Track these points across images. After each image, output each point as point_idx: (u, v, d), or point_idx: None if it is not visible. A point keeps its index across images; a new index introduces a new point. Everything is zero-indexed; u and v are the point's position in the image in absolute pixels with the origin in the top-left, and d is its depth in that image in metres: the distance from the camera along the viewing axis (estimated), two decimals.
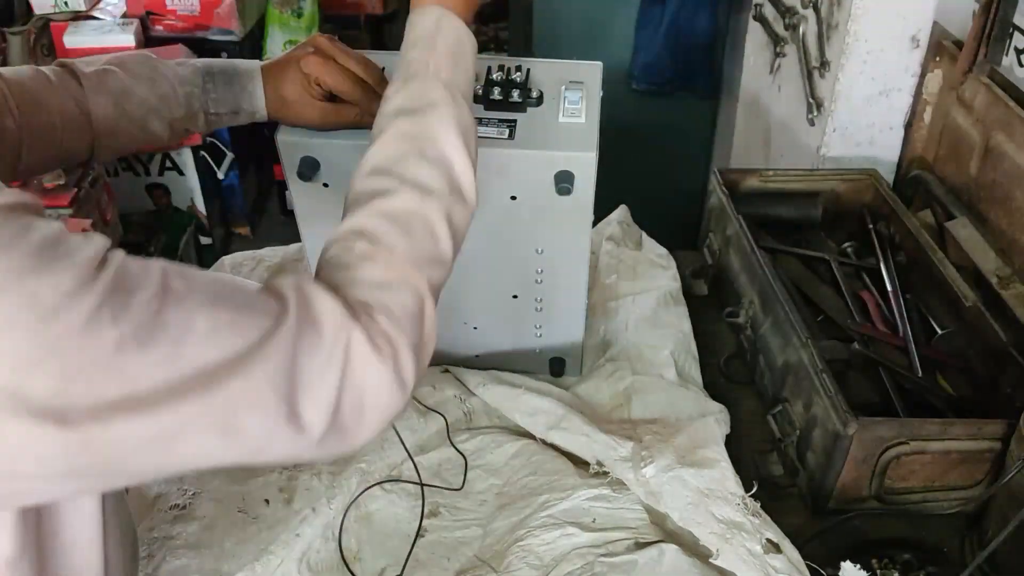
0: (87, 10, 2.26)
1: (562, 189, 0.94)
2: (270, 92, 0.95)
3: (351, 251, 0.66)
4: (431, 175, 0.69)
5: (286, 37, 2.53)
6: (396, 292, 0.65)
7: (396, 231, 0.67)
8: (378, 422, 0.63)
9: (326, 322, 0.60)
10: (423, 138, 0.70)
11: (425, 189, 0.69)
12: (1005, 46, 1.20)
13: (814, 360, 1.01)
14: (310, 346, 0.59)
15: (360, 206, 0.69)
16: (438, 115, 0.71)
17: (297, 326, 0.58)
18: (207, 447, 0.56)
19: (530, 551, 0.94)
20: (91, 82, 0.89)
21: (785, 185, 1.37)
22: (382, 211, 0.68)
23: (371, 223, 0.67)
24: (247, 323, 0.57)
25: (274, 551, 0.94)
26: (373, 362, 0.61)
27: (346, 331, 0.60)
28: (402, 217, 0.68)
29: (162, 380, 0.53)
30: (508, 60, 1.01)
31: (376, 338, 0.62)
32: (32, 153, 0.85)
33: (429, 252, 0.68)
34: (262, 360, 0.56)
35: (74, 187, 1.88)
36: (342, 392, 0.60)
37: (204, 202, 2.45)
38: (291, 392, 0.57)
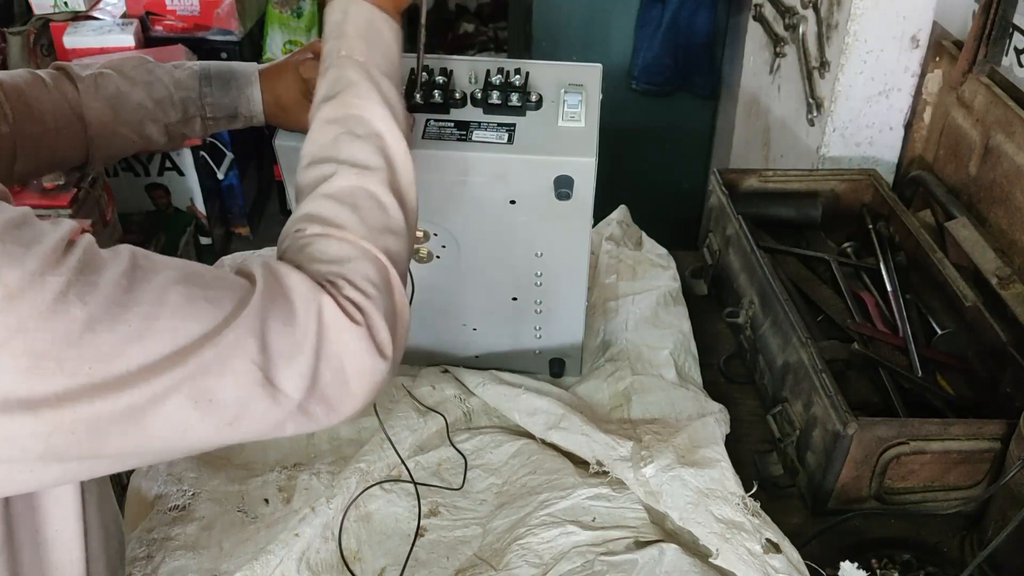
0: (87, 10, 2.26)
1: (561, 194, 0.94)
2: (268, 96, 0.95)
3: (303, 235, 0.67)
4: (365, 150, 0.71)
5: (286, 37, 2.53)
6: (355, 263, 0.66)
7: (343, 209, 0.68)
8: (364, 389, 0.64)
9: (296, 293, 0.61)
10: (348, 118, 0.72)
11: (361, 165, 0.70)
12: (1005, 46, 1.20)
13: (814, 360, 1.01)
14: (283, 315, 0.60)
15: (305, 196, 0.70)
16: (357, 93, 0.72)
17: (267, 297, 0.60)
18: (183, 420, 0.57)
19: (530, 549, 0.94)
20: (87, 86, 0.89)
21: (785, 185, 1.37)
22: (325, 194, 0.69)
23: (317, 206, 0.68)
24: (218, 295, 0.58)
25: (273, 551, 0.93)
26: (347, 327, 0.62)
27: (316, 300, 0.61)
28: (345, 195, 0.69)
29: (135, 355, 0.53)
30: (507, 62, 1.00)
31: (346, 306, 0.63)
32: (27, 157, 0.85)
33: (379, 222, 0.69)
34: (234, 330, 0.57)
35: (74, 187, 1.88)
36: (319, 360, 0.61)
37: (204, 202, 2.46)
38: (265, 360, 0.58)
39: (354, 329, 0.62)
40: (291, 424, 0.62)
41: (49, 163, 0.88)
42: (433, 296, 1.08)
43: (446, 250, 1.03)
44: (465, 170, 0.94)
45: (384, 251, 0.68)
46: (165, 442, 0.58)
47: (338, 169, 0.69)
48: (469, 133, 0.94)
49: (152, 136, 0.93)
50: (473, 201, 0.97)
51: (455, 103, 0.96)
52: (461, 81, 0.99)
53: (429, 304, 1.08)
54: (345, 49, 0.74)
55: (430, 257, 1.05)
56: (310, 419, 0.62)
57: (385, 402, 1.12)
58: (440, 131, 0.95)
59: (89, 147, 0.90)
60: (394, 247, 0.69)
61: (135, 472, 1.05)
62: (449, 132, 0.95)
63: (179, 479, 1.03)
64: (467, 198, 0.96)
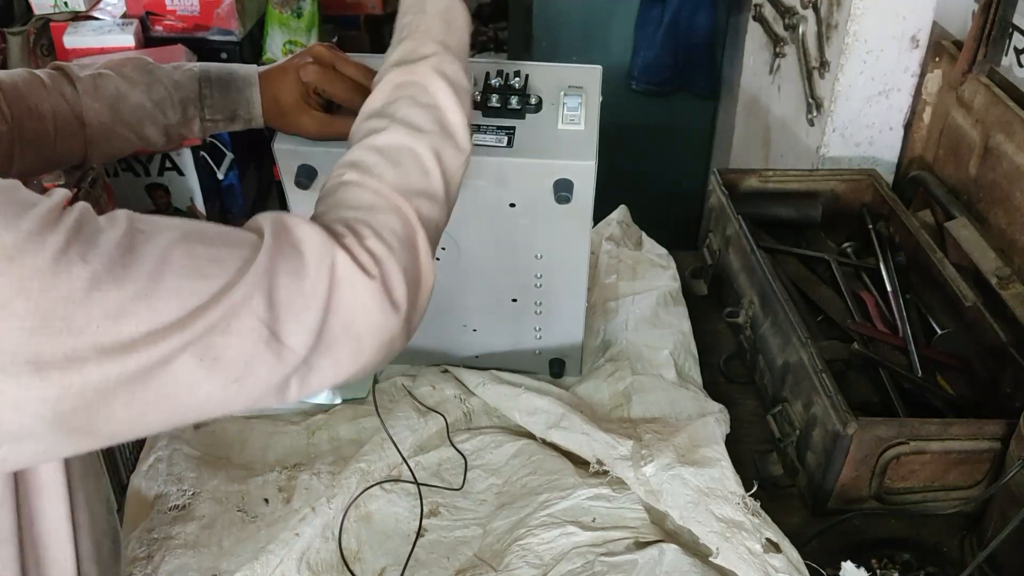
0: (87, 10, 2.26)
1: (561, 198, 0.93)
2: (267, 99, 0.95)
3: (340, 179, 0.67)
4: (422, 116, 0.71)
5: (286, 37, 2.53)
6: (383, 214, 0.65)
7: (384, 161, 0.68)
8: (375, 346, 0.63)
9: (308, 246, 0.60)
10: (414, 85, 0.72)
11: (415, 127, 0.70)
12: (1004, 46, 1.20)
13: (814, 360, 1.01)
14: (292, 269, 0.59)
15: (354, 144, 0.70)
16: (429, 65, 0.73)
17: (276, 251, 0.59)
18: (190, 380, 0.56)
19: (530, 550, 0.94)
20: (86, 86, 0.89)
21: (785, 185, 1.37)
22: (372, 145, 0.69)
23: (360, 155, 0.69)
24: (224, 253, 0.57)
25: (273, 550, 0.94)
26: (360, 281, 0.61)
27: (329, 254, 0.60)
28: (391, 150, 0.69)
29: (143, 315, 0.52)
30: (507, 65, 1.00)
31: (361, 257, 0.62)
32: (25, 156, 0.85)
33: (418, 183, 0.69)
34: (240, 288, 0.56)
35: (74, 187, 1.88)
36: (328, 313, 0.60)
37: (204, 202, 2.45)
38: (272, 317, 0.57)
39: (367, 283, 0.61)
40: (295, 381, 0.61)
41: (48, 163, 0.88)
42: (433, 297, 1.07)
43: (446, 252, 1.03)
44: (465, 173, 0.94)
45: (416, 211, 0.67)
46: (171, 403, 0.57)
47: (390, 126, 0.70)
48: None
49: (151, 137, 0.93)
50: (473, 204, 0.97)
51: None
52: None
53: (429, 305, 1.08)
54: (424, 25, 0.75)
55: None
56: (315, 374, 0.61)
57: (385, 402, 1.13)
58: None
59: (87, 147, 0.90)
60: (428, 212, 0.68)
61: (135, 472, 1.05)
62: None
63: (179, 479, 1.03)
64: (467, 201, 0.96)
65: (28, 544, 0.66)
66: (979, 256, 1.19)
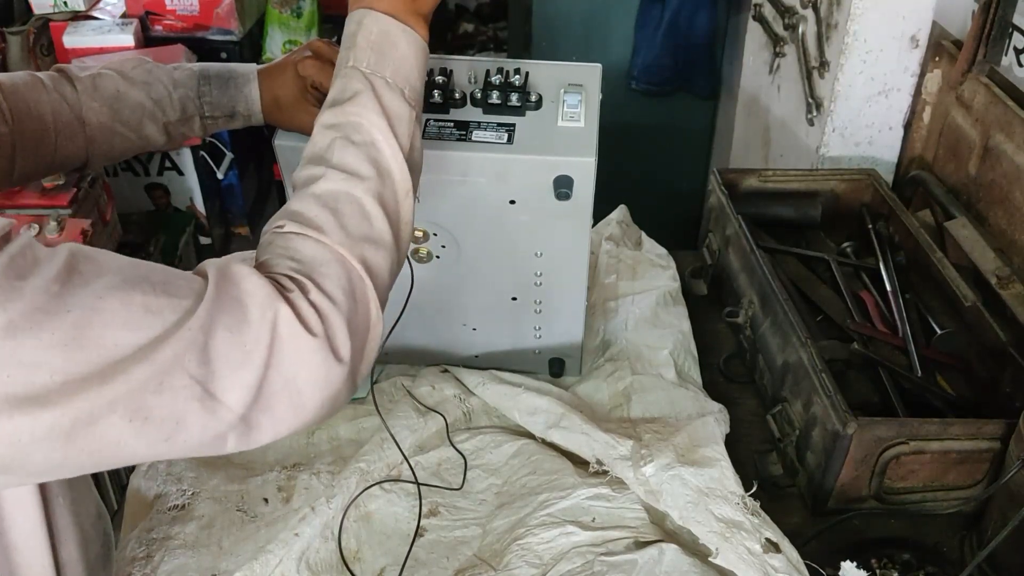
0: (86, 10, 2.26)
1: (561, 194, 0.94)
2: (266, 95, 0.95)
3: (281, 231, 0.67)
4: (357, 158, 0.70)
5: (286, 37, 2.53)
6: (326, 266, 0.64)
7: (324, 211, 0.67)
8: (318, 401, 0.62)
9: (251, 299, 0.59)
10: (347, 126, 0.71)
11: (351, 171, 0.69)
12: (1004, 46, 1.20)
13: (813, 360, 1.01)
14: (232, 322, 0.57)
15: (294, 195, 0.70)
16: (358, 102, 0.72)
17: (216, 304, 0.57)
18: (116, 436, 0.54)
19: (529, 550, 0.94)
20: (85, 86, 0.89)
21: (784, 185, 1.37)
22: (311, 194, 0.68)
23: (300, 206, 0.68)
24: (162, 304, 0.55)
25: (272, 550, 0.93)
26: (302, 336, 0.60)
27: (272, 308, 0.59)
28: (329, 197, 0.68)
29: (61, 366, 0.51)
30: (507, 62, 1.00)
31: (304, 312, 0.60)
32: (26, 158, 0.85)
33: (360, 230, 0.67)
34: (173, 344, 0.54)
35: (73, 187, 1.88)
36: (268, 369, 0.58)
37: (203, 202, 2.45)
38: (206, 373, 0.56)
39: (310, 339, 0.60)
40: (233, 437, 0.59)
41: (49, 164, 0.89)
42: (432, 296, 1.08)
43: (445, 250, 1.03)
44: (465, 170, 0.94)
45: (361, 260, 0.66)
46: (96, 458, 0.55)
47: (327, 172, 0.69)
48: (469, 133, 0.94)
49: (151, 136, 0.93)
50: (472, 201, 0.97)
51: (454, 103, 0.96)
52: (460, 81, 0.99)
53: (428, 304, 1.08)
54: (353, 59, 0.73)
55: (429, 257, 1.05)
56: (255, 431, 0.60)
57: (385, 402, 1.12)
58: (440, 131, 0.95)
59: (88, 148, 0.90)
60: (373, 258, 0.67)
61: (135, 472, 1.05)
62: (449, 132, 0.95)
63: (179, 479, 1.03)
64: (466, 198, 0.96)
65: None
66: (979, 256, 1.19)
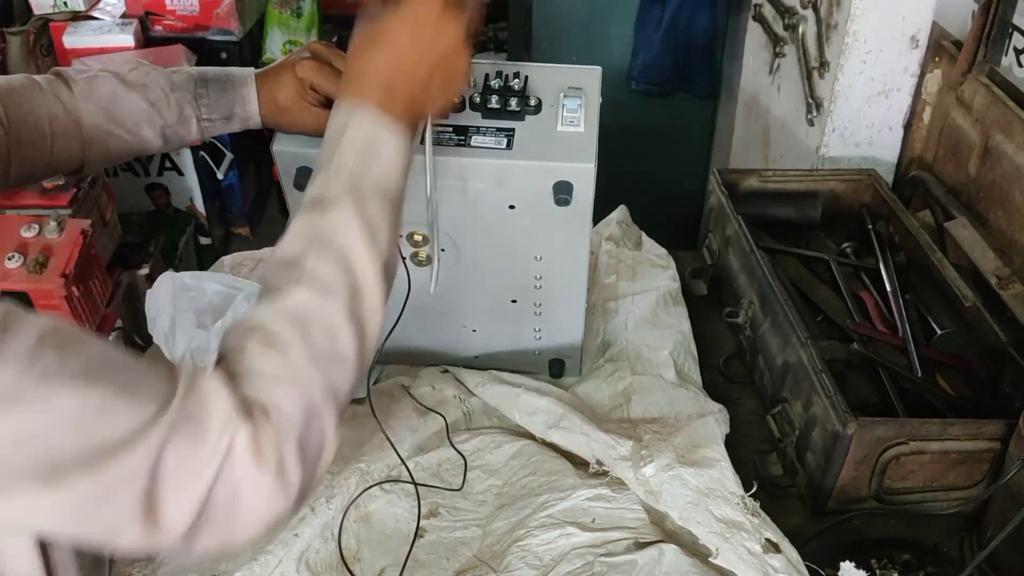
0: (86, 10, 2.26)
1: (561, 200, 0.93)
2: (265, 98, 0.95)
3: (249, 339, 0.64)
4: (330, 270, 0.67)
5: (286, 37, 2.53)
6: (290, 386, 0.62)
7: (293, 328, 0.65)
8: (260, 526, 0.61)
9: (213, 417, 0.57)
10: (323, 231, 0.69)
11: (325, 287, 0.67)
12: (1004, 46, 1.20)
13: (813, 360, 1.01)
14: (189, 439, 0.56)
15: (264, 299, 0.67)
16: (339, 211, 0.69)
17: (180, 419, 0.56)
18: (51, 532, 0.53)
19: (529, 551, 0.94)
20: (81, 88, 0.89)
21: (784, 185, 1.37)
22: (280, 306, 0.66)
23: (269, 318, 0.65)
24: (120, 409, 0.53)
25: (272, 550, 0.94)
26: (254, 464, 0.58)
27: (231, 430, 0.57)
28: (300, 315, 0.65)
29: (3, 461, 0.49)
30: (506, 66, 0.99)
31: (262, 440, 0.59)
32: (22, 161, 0.85)
33: (328, 349, 0.66)
34: (127, 457, 0.53)
35: (73, 187, 1.88)
36: (214, 491, 0.57)
37: (203, 202, 2.45)
38: (152, 488, 0.54)
39: (262, 468, 0.58)
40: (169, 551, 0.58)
41: (45, 168, 0.88)
42: (432, 298, 1.07)
43: (445, 253, 1.03)
44: (464, 175, 0.94)
45: (323, 381, 0.64)
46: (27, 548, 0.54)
47: (299, 283, 0.66)
48: (468, 138, 0.94)
49: (147, 138, 0.93)
50: (472, 206, 0.97)
51: (454, 107, 0.96)
52: None
53: (428, 306, 1.08)
54: (338, 159, 0.71)
55: (429, 260, 1.05)
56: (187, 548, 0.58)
57: (385, 402, 1.13)
58: (439, 136, 0.94)
59: (84, 150, 0.90)
60: (338, 378, 0.66)
61: None
62: (448, 137, 0.94)
63: None
64: (466, 203, 0.96)
65: None
66: (979, 256, 1.19)
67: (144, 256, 2.16)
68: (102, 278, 1.84)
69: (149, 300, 1.20)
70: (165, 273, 1.22)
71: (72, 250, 1.69)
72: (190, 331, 1.14)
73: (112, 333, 1.91)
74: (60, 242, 1.70)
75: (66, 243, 1.70)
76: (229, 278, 1.26)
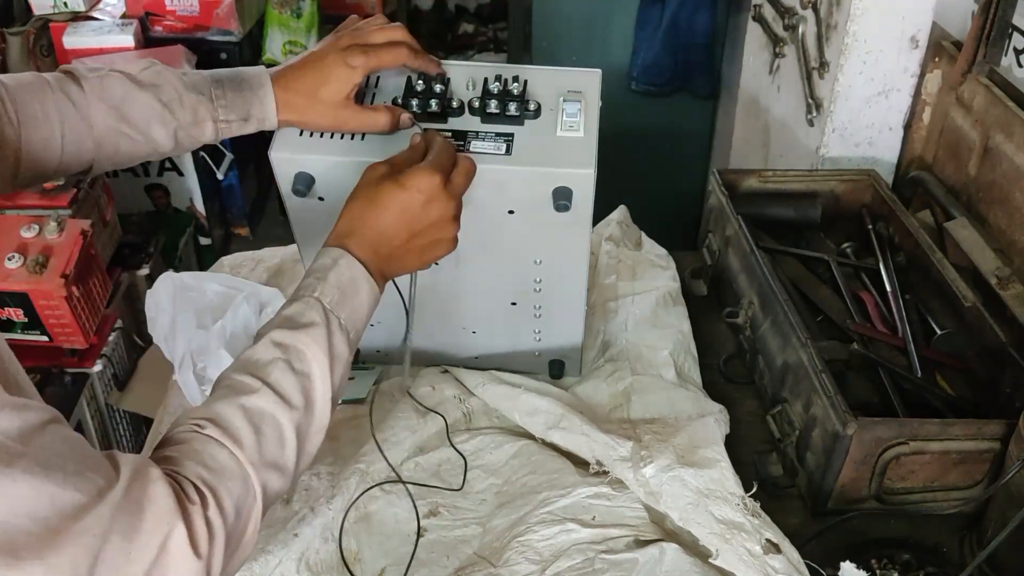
0: (86, 10, 2.26)
1: (560, 206, 0.93)
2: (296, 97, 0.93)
3: (202, 431, 0.68)
4: (293, 386, 0.73)
5: (286, 37, 2.53)
6: (232, 481, 0.66)
7: (248, 426, 0.69)
8: None
9: (152, 508, 0.60)
10: (293, 351, 0.75)
11: (284, 397, 0.72)
12: (1004, 47, 1.20)
13: (813, 360, 1.01)
14: (127, 529, 0.58)
15: (222, 395, 0.71)
16: (311, 334, 0.76)
17: (121, 508, 0.58)
18: None
19: (529, 546, 0.94)
20: (93, 87, 0.87)
21: (784, 185, 1.37)
22: (240, 405, 0.70)
23: (226, 412, 0.69)
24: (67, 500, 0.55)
25: (272, 551, 0.94)
26: (188, 559, 0.61)
27: (169, 524, 0.60)
28: (256, 415, 0.70)
29: None
30: (505, 69, 0.98)
31: (198, 531, 0.62)
32: (31, 161, 0.84)
33: (273, 455, 0.70)
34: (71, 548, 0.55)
35: (73, 188, 1.88)
36: None
37: (203, 203, 2.46)
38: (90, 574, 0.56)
39: (193, 561, 0.61)
40: None
41: (54, 168, 0.87)
42: (432, 300, 1.08)
43: (444, 257, 1.03)
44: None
45: (263, 485, 0.69)
46: None
47: (262, 389, 0.71)
48: (467, 144, 0.93)
49: (159, 140, 0.90)
50: (471, 210, 0.96)
51: (452, 112, 0.95)
52: (459, 89, 0.97)
53: (428, 308, 1.08)
54: (319, 291, 0.78)
55: (428, 264, 1.04)
56: None
57: (385, 402, 1.13)
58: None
59: (95, 151, 0.89)
60: (274, 485, 0.70)
61: None
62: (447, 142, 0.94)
63: None
64: (465, 207, 0.96)
65: None
66: (979, 256, 1.19)
67: (144, 256, 2.16)
68: (102, 278, 1.84)
69: (149, 300, 1.21)
70: (165, 273, 1.23)
71: (72, 250, 1.70)
72: (190, 331, 1.14)
73: (112, 333, 1.92)
74: (60, 242, 1.70)
75: (66, 243, 1.70)
76: (229, 278, 1.26)
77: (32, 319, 1.69)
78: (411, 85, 0.96)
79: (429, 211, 0.84)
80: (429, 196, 0.83)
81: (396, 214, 0.83)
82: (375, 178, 0.84)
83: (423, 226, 0.84)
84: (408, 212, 0.83)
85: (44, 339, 1.74)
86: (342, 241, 0.82)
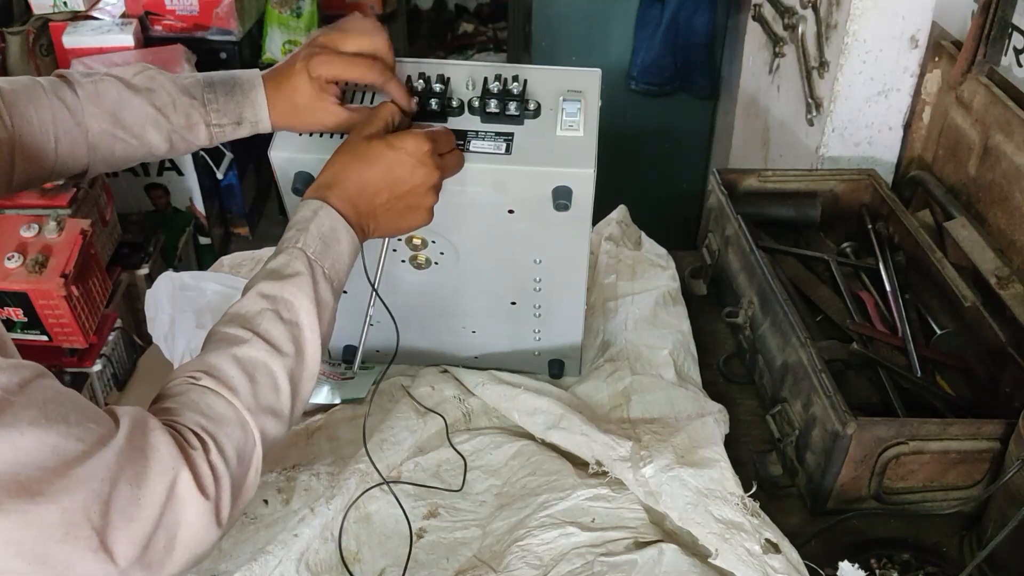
0: (86, 10, 2.26)
1: (560, 205, 0.93)
2: (279, 101, 0.93)
3: (196, 382, 0.70)
4: (283, 334, 0.75)
5: (285, 37, 2.53)
6: (231, 427, 0.68)
7: (241, 374, 0.71)
8: (186, 561, 0.64)
9: (156, 455, 0.62)
10: (280, 301, 0.76)
11: (275, 345, 0.74)
12: (1004, 46, 1.20)
13: (813, 360, 1.01)
14: (134, 476, 0.60)
15: (213, 347, 0.73)
16: (297, 283, 0.77)
17: (126, 455, 0.60)
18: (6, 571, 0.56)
19: (529, 551, 0.94)
20: (87, 91, 0.88)
21: (784, 185, 1.37)
22: (232, 355, 0.72)
23: (220, 362, 0.71)
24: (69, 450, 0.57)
25: (272, 551, 0.93)
26: (196, 500, 0.63)
27: (175, 468, 0.62)
28: (249, 364, 0.72)
29: None
30: (505, 69, 0.98)
31: (203, 476, 0.64)
32: (26, 165, 0.85)
33: (268, 401, 0.72)
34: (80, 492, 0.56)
35: (73, 187, 1.88)
36: (158, 527, 0.61)
37: (203, 202, 2.46)
38: (104, 525, 0.58)
39: (202, 503, 0.63)
40: None
41: (49, 171, 0.87)
42: (432, 300, 1.08)
43: (444, 256, 1.03)
44: (463, 180, 0.93)
45: (261, 429, 0.71)
46: None
47: (252, 339, 0.73)
48: (467, 143, 0.93)
49: (154, 143, 0.91)
50: (471, 210, 0.96)
51: (452, 111, 0.95)
52: (458, 88, 0.97)
53: (428, 308, 1.08)
54: (302, 242, 0.79)
55: (428, 263, 1.04)
56: None
57: (384, 403, 1.13)
58: None
59: (90, 154, 0.89)
60: (271, 430, 0.72)
61: None
62: None
63: None
64: (465, 206, 0.96)
65: None
66: (978, 256, 1.19)
67: (144, 256, 2.16)
68: (102, 278, 1.84)
69: (149, 300, 1.21)
70: (165, 273, 1.23)
71: (72, 250, 1.69)
72: (189, 331, 1.14)
73: (111, 333, 1.92)
74: (60, 242, 1.70)
75: (66, 243, 1.70)
76: (229, 278, 1.26)
77: (32, 319, 1.69)
78: (411, 84, 0.96)
79: (414, 174, 0.84)
80: (416, 160, 0.84)
81: (381, 171, 0.83)
82: (365, 135, 0.85)
83: (404, 189, 0.85)
84: (393, 172, 0.84)
85: (44, 339, 1.74)
86: (322, 193, 0.82)
